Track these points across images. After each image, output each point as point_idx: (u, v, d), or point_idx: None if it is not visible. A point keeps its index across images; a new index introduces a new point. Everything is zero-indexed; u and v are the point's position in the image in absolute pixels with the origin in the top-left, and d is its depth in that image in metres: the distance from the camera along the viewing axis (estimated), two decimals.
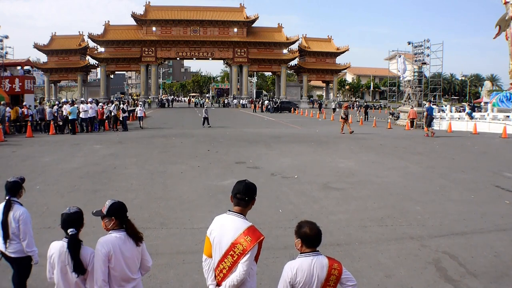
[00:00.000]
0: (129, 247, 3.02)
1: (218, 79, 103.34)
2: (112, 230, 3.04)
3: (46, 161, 12.70)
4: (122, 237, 3.01)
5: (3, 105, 20.61)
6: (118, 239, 2.99)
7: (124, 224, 3.07)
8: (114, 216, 3.03)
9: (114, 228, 3.04)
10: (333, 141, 18.21)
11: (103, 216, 3.04)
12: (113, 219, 3.03)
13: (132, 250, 3.04)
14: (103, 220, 3.06)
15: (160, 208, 7.73)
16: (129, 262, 3.02)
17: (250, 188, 2.90)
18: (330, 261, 2.68)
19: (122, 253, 2.97)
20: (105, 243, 2.94)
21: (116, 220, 3.03)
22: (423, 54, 28.68)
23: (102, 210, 3.04)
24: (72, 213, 3.09)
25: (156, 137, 19.38)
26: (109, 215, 3.02)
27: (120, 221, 3.05)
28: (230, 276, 2.74)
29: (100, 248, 2.91)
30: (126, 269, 3.00)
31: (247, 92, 63.96)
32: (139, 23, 58.01)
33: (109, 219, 3.03)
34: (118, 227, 3.04)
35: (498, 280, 4.92)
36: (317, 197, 8.62)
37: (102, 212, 3.04)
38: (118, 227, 3.04)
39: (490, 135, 21.90)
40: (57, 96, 61.34)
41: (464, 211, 7.72)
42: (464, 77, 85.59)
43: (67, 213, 3.08)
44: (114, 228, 3.04)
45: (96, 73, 77.89)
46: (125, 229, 3.06)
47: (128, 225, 3.08)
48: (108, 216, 3.02)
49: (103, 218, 3.06)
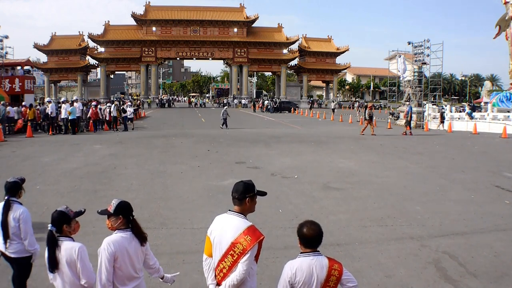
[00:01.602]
0: (134, 246, 3.02)
1: (218, 79, 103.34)
2: (118, 229, 3.01)
3: (46, 161, 12.70)
4: (128, 236, 3.01)
5: (3, 105, 20.62)
6: (124, 239, 2.98)
7: (130, 224, 3.06)
8: (122, 215, 3.01)
9: (120, 228, 3.02)
10: (333, 141, 18.21)
11: (110, 215, 3.01)
12: (121, 218, 3.00)
13: (137, 249, 3.05)
14: (109, 219, 3.02)
15: (160, 208, 7.73)
16: (134, 262, 3.03)
17: (240, 186, 2.89)
18: (330, 262, 2.67)
19: (128, 252, 2.97)
20: (112, 243, 2.92)
21: (123, 219, 3.02)
22: (423, 54, 28.66)
23: (109, 209, 3.01)
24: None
25: (156, 137, 19.38)
26: (116, 214, 2.99)
27: (126, 220, 3.03)
28: (230, 276, 2.75)
29: (107, 247, 2.90)
30: (131, 269, 3.01)
31: (247, 92, 63.96)
32: (139, 23, 58.02)
33: (115, 218, 3.00)
34: (124, 226, 3.02)
35: (498, 280, 4.92)
36: (317, 197, 8.61)
37: (108, 211, 3.00)
38: (124, 226, 3.03)
39: (490, 135, 21.89)
40: (57, 96, 61.32)
41: (464, 211, 7.72)
42: (464, 77, 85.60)
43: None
44: (120, 227, 3.02)
45: (96, 73, 77.88)
46: (131, 229, 3.05)
47: (134, 225, 3.07)
48: (115, 215, 2.99)
49: (109, 217, 3.02)
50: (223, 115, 25.29)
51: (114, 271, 2.93)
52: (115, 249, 2.91)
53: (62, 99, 25.82)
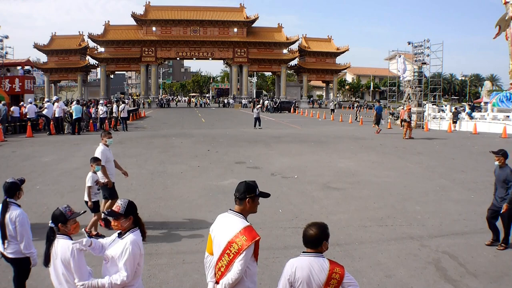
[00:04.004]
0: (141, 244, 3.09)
1: (218, 79, 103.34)
2: (130, 229, 3.00)
3: (46, 161, 12.70)
4: (139, 234, 3.04)
5: (3, 105, 20.62)
6: (140, 238, 3.03)
7: (138, 223, 3.07)
8: (132, 215, 3.00)
9: (130, 228, 3.00)
10: (333, 141, 18.21)
11: (119, 216, 2.96)
12: (131, 218, 3.00)
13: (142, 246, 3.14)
14: (118, 220, 2.96)
15: (160, 208, 7.73)
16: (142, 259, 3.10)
17: (243, 186, 2.89)
18: (331, 265, 2.67)
19: (142, 250, 3.05)
20: (140, 244, 2.98)
21: (133, 219, 3.02)
22: (423, 54, 28.64)
23: (117, 210, 2.95)
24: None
25: (156, 137, 19.38)
26: (126, 214, 2.97)
27: (135, 219, 3.04)
28: (227, 275, 2.77)
29: (137, 249, 2.92)
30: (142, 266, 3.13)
31: (247, 92, 63.96)
32: (139, 23, 57.99)
33: (126, 219, 2.97)
34: (133, 225, 3.03)
35: (498, 280, 4.92)
36: (317, 197, 8.62)
37: (117, 212, 2.95)
38: (133, 225, 3.03)
39: (490, 135, 21.88)
40: (57, 96, 61.31)
41: (464, 211, 7.72)
42: (464, 77, 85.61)
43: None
44: (131, 227, 3.01)
45: (96, 73, 77.85)
46: (139, 227, 3.07)
47: (141, 224, 3.10)
48: (125, 216, 2.97)
49: (118, 218, 2.96)
50: (256, 113, 24.66)
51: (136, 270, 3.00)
52: (142, 249, 2.99)
53: (54, 98, 25.49)
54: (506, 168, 5.87)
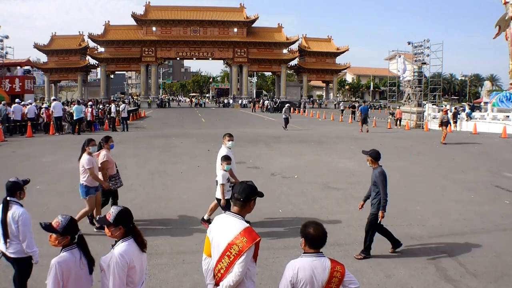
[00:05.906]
0: (136, 254, 2.92)
1: (218, 79, 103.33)
2: (121, 239, 2.89)
3: (46, 161, 12.70)
4: (131, 244, 2.90)
5: (3, 105, 20.63)
6: (134, 248, 2.89)
7: (132, 232, 2.94)
8: (122, 225, 2.88)
9: (122, 237, 2.90)
10: (333, 141, 18.21)
11: (109, 225, 2.87)
12: (121, 228, 2.88)
13: (139, 256, 2.96)
14: (108, 228, 2.88)
15: (160, 208, 7.73)
16: (138, 270, 2.93)
17: (245, 189, 2.88)
18: (332, 264, 2.67)
19: (135, 261, 2.88)
20: (128, 255, 2.82)
21: (123, 229, 2.89)
22: (423, 54, 28.63)
23: (107, 217, 2.86)
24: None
25: (156, 137, 19.38)
26: (116, 224, 2.86)
27: (127, 229, 2.91)
28: (227, 277, 2.75)
29: (122, 261, 2.78)
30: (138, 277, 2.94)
31: (247, 92, 63.94)
32: (139, 23, 57.98)
33: (115, 228, 2.86)
34: (125, 235, 2.91)
35: (498, 280, 4.92)
36: (317, 197, 8.62)
37: (107, 220, 2.85)
38: (125, 235, 2.91)
39: (490, 135, 21.88)
40: (57, 96, 61.32)
41: (464, 211, 7.73)
42: (464, 77, 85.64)
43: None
44: (122, 236, 2.90)
45: (96, 73, 77.87)
46: (133, 236, 2.93)
47: (136, 233, 2.96)
48: (115, 225, 2.86)
49: (108, 226, 2.88)
50: (284, 114, 24.09)
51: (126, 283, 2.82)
52: (129, 259, 2.80)
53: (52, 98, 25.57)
54: (375, 170, 5.64)
